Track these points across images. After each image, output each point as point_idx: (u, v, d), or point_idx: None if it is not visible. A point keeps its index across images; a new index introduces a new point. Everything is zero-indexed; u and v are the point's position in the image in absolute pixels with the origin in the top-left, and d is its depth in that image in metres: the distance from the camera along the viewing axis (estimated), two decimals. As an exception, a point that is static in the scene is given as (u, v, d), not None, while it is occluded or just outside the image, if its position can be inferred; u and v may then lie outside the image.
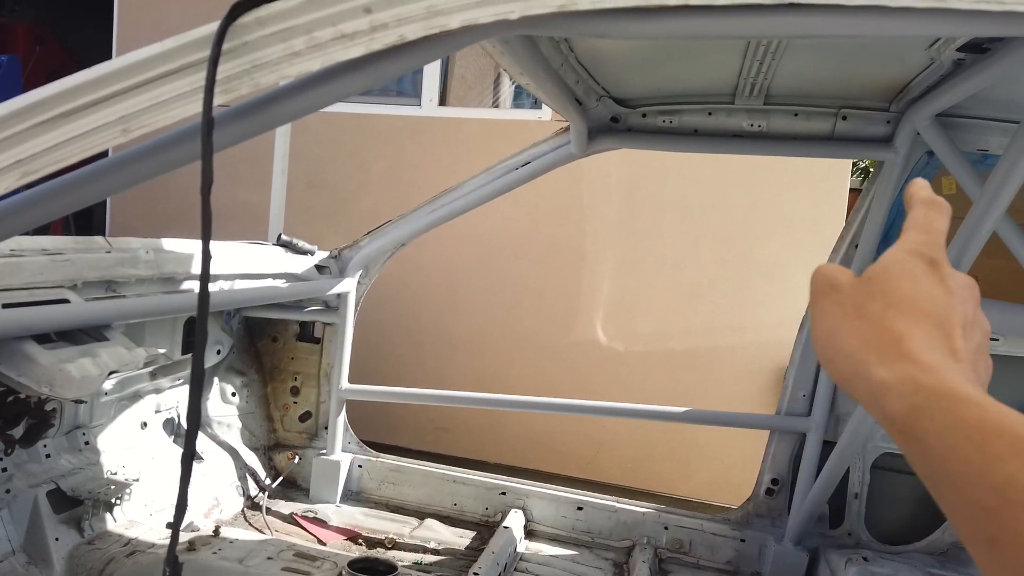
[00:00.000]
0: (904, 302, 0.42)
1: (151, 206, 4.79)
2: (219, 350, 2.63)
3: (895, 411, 0.39)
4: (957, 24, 0.94)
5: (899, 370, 0.40)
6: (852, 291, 0.45)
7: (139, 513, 2.20)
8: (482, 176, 2.51)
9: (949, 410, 0.36)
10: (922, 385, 0.38)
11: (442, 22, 0.97)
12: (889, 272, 0.44)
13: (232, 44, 0.95)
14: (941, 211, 0.48)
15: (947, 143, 2.02)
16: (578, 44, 1.84)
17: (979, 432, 0.34)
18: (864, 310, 0.43)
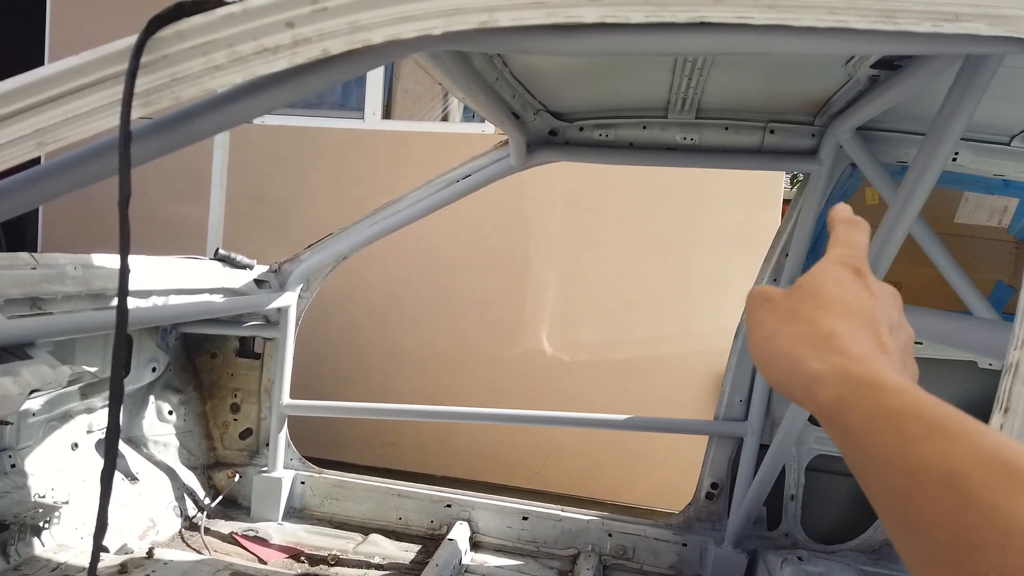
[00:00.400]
0: (833, 303, 0.45)
1: (86, 221, 4.66)
2: (154, 367, 2.57)
3: (825, 401, 0.40)
4: (857, 43, 0.99)
5: (830, 361, 0.42)
6: (785, 299, 0.48)
7: (69, 537, 2.13)
8: (423, 189, 2.52)
9: (872, 398, 0.38)
10: (850, 375, 0.40)
11: (365, 37, 0.98)
12: (818, 279, 0.47)
13: (151, 57, 0.94)
14: (861, 228, 0.52)
15: (868, 155, 2.11)
16: (512, 59, 1.87)
17: (897, 417, 0.36)
18: (797, 313, 0.46)
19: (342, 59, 0.99)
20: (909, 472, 0.34)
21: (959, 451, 0.33)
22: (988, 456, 0.32)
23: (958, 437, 0.34)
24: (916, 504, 0.33)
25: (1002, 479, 0.31)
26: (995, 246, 2.33)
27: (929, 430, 0.35)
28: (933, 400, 0.37)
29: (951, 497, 0.32)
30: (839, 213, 0.54)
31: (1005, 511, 0.30)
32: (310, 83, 1.01)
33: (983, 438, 0.33)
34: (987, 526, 0.30)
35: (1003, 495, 0.30)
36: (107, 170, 0.99)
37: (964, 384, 2.48)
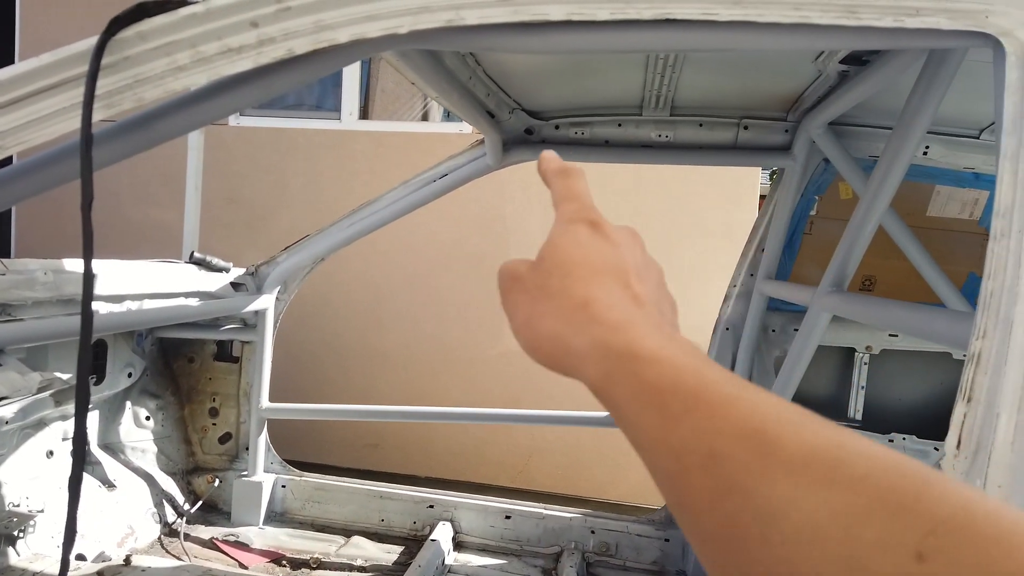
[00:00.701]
0: (579, 267, 0.42)
1: (59, 226, 4.60)
2: (130, 373, 2.54)
3: (593, 380, 0.37)
4: (821, 38, 1.00)
5: (590, 335, 0.38)
6: (533, 276, 0.44)
7: (45, 546, 2.10)
8: (400, 189, 2.51)
9: (633, 373, 0.35)
10: (610, 348, 0.37)
11: (331, 36, 0.98)
12: (557, 246, 0.44)
13: (113, 58, 0.93)
14: (577, 176, 0.48)
15: (840, 150, 2.13)
16: (485, 58, 1.87)
17: (657, 393, 0.33)
18: (547, 289, 0.42)
19: (308, 59, 0.99)
20: (675, 454, 0.31)
21: (717, 426, 0.30)
22: (746, 431, 0.29)
23: (717, 409, 0.31)
24: (685, 489, 0.31)
25: (760, 458, 0.28)
26: (967, 238, 2.37)
27: (688, 404, 0.32)
28: (695, 366, 0.34)
29: (714, 481, 0.29)
30: (549, 165, 0.50)
31: (763, 496, 0.27)
32: (276, 83, 1.01)
33: (742, 408, 0.31)
34: (748, 514, 0.28)
35: (761, 477, 0.28)
36: (70, 173, 0.98)
37: (940, 375, 2.51)
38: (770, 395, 0.32)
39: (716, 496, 0.29)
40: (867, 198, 1.55)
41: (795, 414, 0.30)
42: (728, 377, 0.33)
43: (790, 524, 0.26)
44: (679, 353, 0.35)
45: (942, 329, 1.06)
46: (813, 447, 0.28)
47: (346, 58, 1.01)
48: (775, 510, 0.27)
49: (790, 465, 0.28)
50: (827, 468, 0.27)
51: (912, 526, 0.24)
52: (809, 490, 0.27)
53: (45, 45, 0.97)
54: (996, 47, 0.93)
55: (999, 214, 0.80)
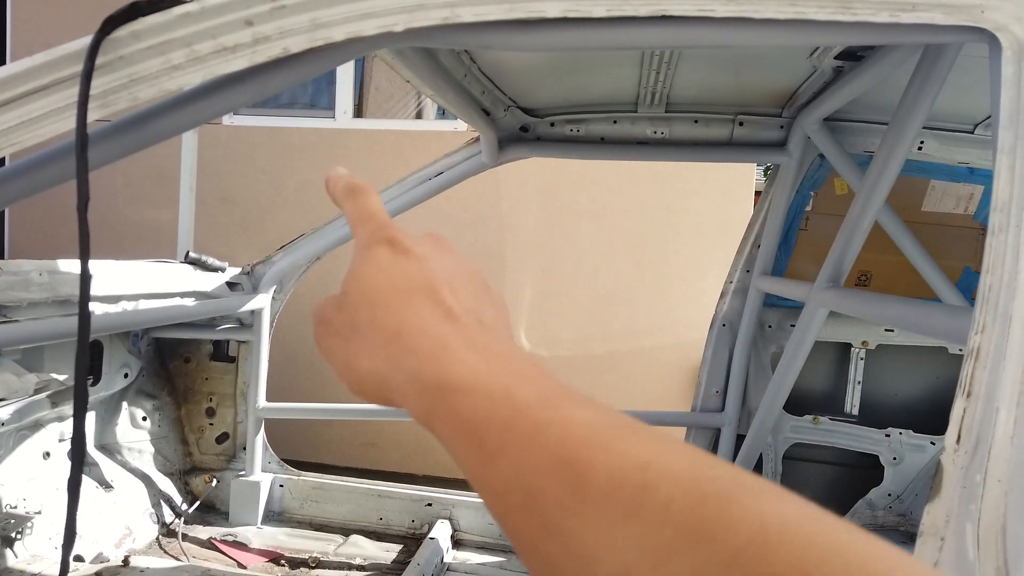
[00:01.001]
0: (383, 294, 0.39)
1: (54, 226, 4.58)
2: (126, 373, 2.54)
3: (417, 416, 0.35)
4: (817, 34, 1.00)
5: (406, 369, 0.36)
6: (341, 315, 0.41)
7: (42, 547, 2.09)
8: (395, 187, 2.51)
9: (450, 408, 0.33)
10: (426, 382, 0.34)
11: (326, 34, 0.97)
12: (358, 276, 0.40)
13: (107, 58, 0.93)
14: (367, 193, 0.45)
15: (835, 146, 2.13)
16: (480, 55, 1.86)
17: (473, 430, 0.31)
18: (357, 325, 0.40)
19: (304, 57, 0.98)
20: (496, 494, 0.30)
21: (530, 462, 0.28)
22: (557, 463, 0.28)
23: (529, 441, 0.29)
24: (511, 530, 0.29)
25: (572, 493, 0.27)
26: (962, 233, 2.37)
27: (504, 439, 0.30)
28: (508, 390, 0.32)
29: (534, 522, 0.28)
30: (334, 187, 0.47)
31: (578, 537, 0.26)
32: (272, 82, 1.00)
33: (552, 436, 0.29)
34: (566, 558, 0.26)
35: (575, 516, 0.26)
36: (65, 174, 0.97)
37: (935, 370, 2.52)
38: (587, 408, 0.30)
39: (538, 538, 0.28)
40: (863, 193, 1.55)
41: (607, 432, 0.29)
42: (545, 396, 0.31)
43: (605, 568, 0.25)
44: (495, 375, 0.33)
45: (941, 324, 1.06)
46: (620, 472, 0.27)
47: (342, 56, 1.01)
48: (591, 553, 0.26)
49: (599, 499, 0.26)
50: (632, 497, 0.26)
51: (714, 558, 0.23)
52: (617, 527, 0.25)
53: (36, 46, 0.96)
54: (992, 42, 0.93)
55: (997, 208, 0.80)
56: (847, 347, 2.55)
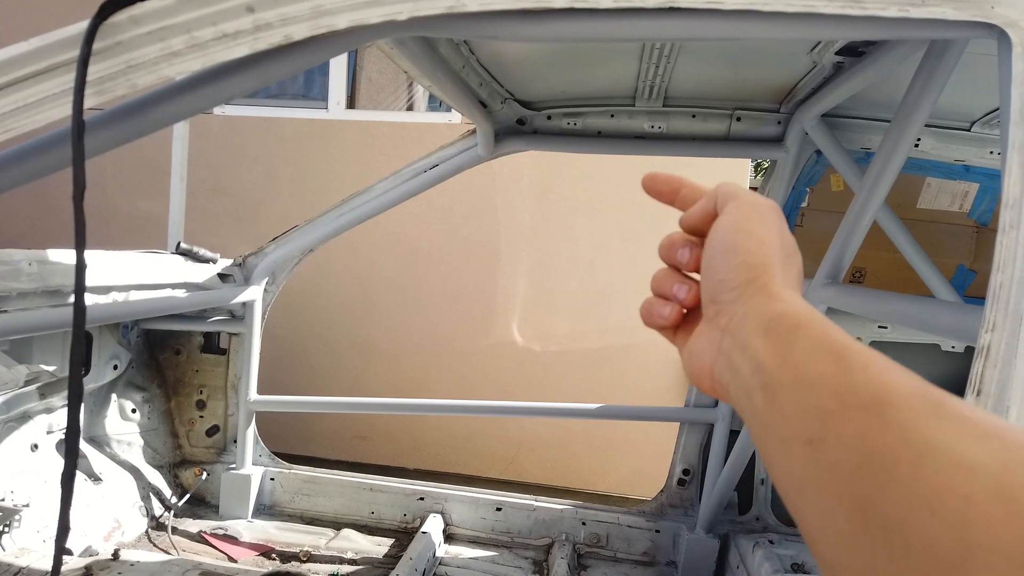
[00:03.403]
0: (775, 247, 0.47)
1: (42, 216, 4.53)
2: (116, 365, 2.51)
3: (784, 321, 0.41)
4: (825, 27, 0.99)
5: (797, 293, 0.44)
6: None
7: (31, 540, 2.07)
8: (390, 179, 2.49)
9: (823, 326, 0.39)
10: (811, 311, 0.42)
11: (329, 22, 0.95)
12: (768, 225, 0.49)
13: (105, 44, 0.91)
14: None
15: (833, 142, 2.13)
16: (479, 47, 1.85)
17: (842, 348, 0.37)
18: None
19: (305, 45, 0.97)
20: (839, 394, 0.34)
21: (888, 381, 0.34)
22: (914, 389, 0.33)
23: (887, 371, 0.34)
24: (837, 424, 0.33)
25: (924, 406, 0.31)
26: (956, 231, 2.38)
27: (867, 362, 0.35)
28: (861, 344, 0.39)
29: (874, 420, 0.32)
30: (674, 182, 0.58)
31: (923, 433, 0.30)
32: (272, 70, 0.98)
33: (912, 376, 0.34)
34: (903, 446, 0.30)
35: (923, 421, 0.31)
36: (60, 162, 0.95)
37: (928, 367, 2.53)
38: None
39: (871, 430, 0.32)
40: (864, 190, 1.54)
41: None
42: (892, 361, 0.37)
43: (948, 458, 0.29)
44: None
45: (947, 322, 1.06)
46: (979, 412, 0.31)
47: (344, 45, 0.99)
48: (934, 446, 0.29)
49: (954, 417, 0.30)
50: (991, 427, 0.30)
51: None
52: (970, 438, 0.29)
53: (25, 32, 0.94)
54: (1001, 38, 0.92)
55: (1007, 206, 0.80)
56: (841, 343, 2.55)
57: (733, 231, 0.47)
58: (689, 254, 0.52)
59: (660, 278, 0.54)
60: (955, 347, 2.42)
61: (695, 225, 0.52)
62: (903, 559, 0.28)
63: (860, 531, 0.31)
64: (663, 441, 3.37)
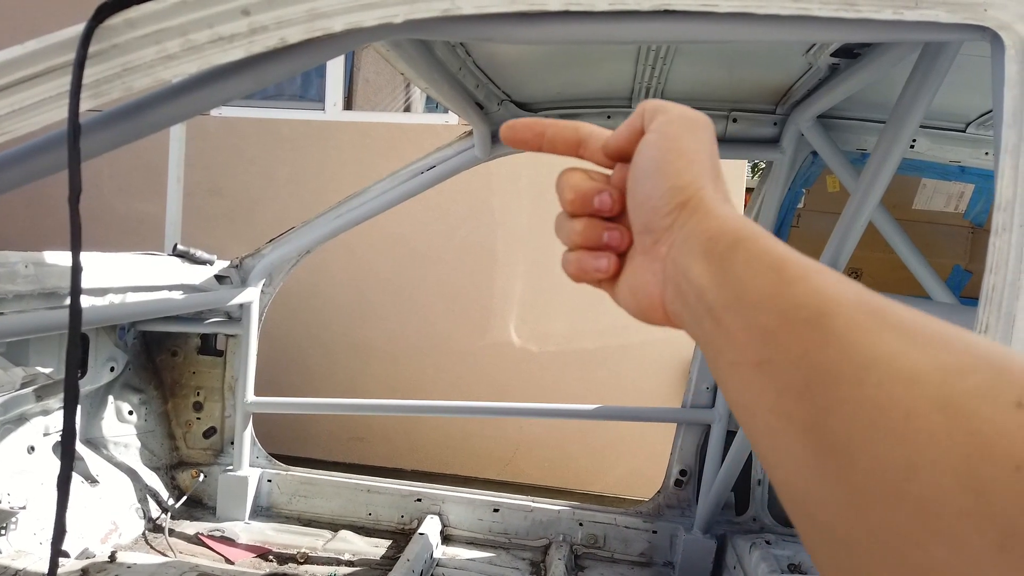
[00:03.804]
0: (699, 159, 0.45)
1: (38, 218, 4.52)
2: (112, 367, 2.51)
3: (723, 240, 0.40)
4: (819, 30, 0.99)
5: (732, 207, 0.42)
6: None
7: (28, 542, 2.07)
8: (387, 180, 2.49)
9: (760, 239, 0.38)
10: (750, 224, 0.40)
11: (325, 25, 0.96)
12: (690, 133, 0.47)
13: (101, 46, 0.91)
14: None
15: (828, 143, 2.13)
16: (475, 48, 1.85)
17: (780, 259, 0.36)
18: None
19: (301, 48, 0.97)
20: (781, 311, 0.33)
21: (829, 292, 0.33)
22: (856, 299, 0.32)
23: (829, 282, 0.33)
24: (782, 342, 0.32)
25: (866, 317, 0.30)
26: (951, 231, 2.39)
27: (805, 273, 0.34)
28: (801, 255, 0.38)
29: (816, 335, 0.31)
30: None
31: (864, 347, 0.29)
32: (268, 73, 0.99)
33: (853, 284, 0.33)
34: (846, 361, 0.29)
35: (865, 333, 0.30)
36: (56, 164, 0.95)
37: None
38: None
39: (815, 346, 0.31)
40: (860, 191, 1.55)
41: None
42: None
43: (889, 370, 0.27)
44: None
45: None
46: (922, 318, 0.30)
47: (340, 47, 0.99)
48: (876, 358, 0.28)
49: (899, 327, 0.29)
50: (934, 332, 0.28)
51: (1013, 381, 0.25)
52: (915, 347, 0.28)
53: (21, 35, 0.94)
54: (994, 40, 0.93)
55: (1000, 208, 0.80)
56: (837, 344, 2.56)
57: (662, 149, 0.45)
58: (609, 199, 0.49)
59: (581, 230, 0.50)
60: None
61: (622, 146, 0.49)
62: (852, 481, 0.27)
63: (811, 454, 0.29)
64: (660, 442, 3.37)
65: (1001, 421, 0.24)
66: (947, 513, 0.24)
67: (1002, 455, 0.23)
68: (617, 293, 0.49)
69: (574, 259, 0.50)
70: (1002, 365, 0.26)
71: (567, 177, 0.51)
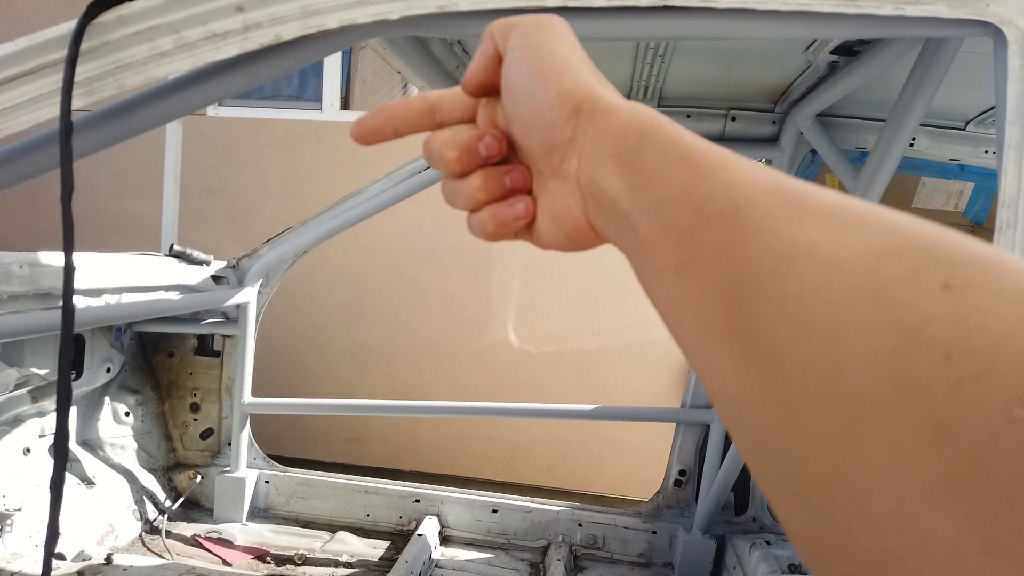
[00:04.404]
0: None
1: (33, 218, 4.51)
2: (109, 368, 2.49)
3: (629, 135, 0.36)
4: (820, 26, 0.98)
5: (623, 99, 0.39)
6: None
7: (23, 545, 2.05)
8: (384, 181, 2.48)
9: (668, 130, 0.35)
10: (643, 107, 0.37)
11: (319, 22, 0.95)
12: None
13: (93, 44, 0.90)
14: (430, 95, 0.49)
15: (827, 142, 2.13)
16: (473, 46, 1.84)
17: (689, 150, 0.33)
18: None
19: (296, 45, 0.96)
20: (695, 207, 0.31)
21: (744, 181, 0.30)
22: (772, 186, 0.30)
23: (743, 170, 0.31)
24: (699, 242, 0.30)
25: (784, 206, 0.28)
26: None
27: (718, 161, 0.32)
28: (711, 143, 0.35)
29: (734, 230, 0.29)
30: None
31: (784, 238, 0.27)
32: (262, 70, 0.97)
33: (768, 171, 0.31)
34: (766, 256, 0.27)
35: (784, 223, 0.28)
36: (48, 163, 0.94)
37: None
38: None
39: (734, 242, 0.29)
40: (859, 190, 1.54)
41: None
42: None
43: (810, 261, 0.26)
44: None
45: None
46: (844, 200, 0.28)
47: (335, 45, 0.98)
48: (797, 250, 0.27)
49: (820, 212, 0.27)
50: (857, 215, 0.27)
51: (941, 260, 0.23)
52: (837, 231, 0.26)
53: (12, 32, 0.93)
54: (996, 36, 0.92)
55: (1004, 204, 0.79)
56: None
57: (533, 59, 0.41)
58: (493, 139, 0.44)
59: (481, 184, 0.45)
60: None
61: (482, 78, 0.44)
62: (782, 384, 0.25)
63: (740, 358, 0.27)
64: (659, 442, 3.36)
65: (928, 306, 0.22)
66: (878, 411, 0.22)
67: (930, 344, 0.22)
68: (539, 234, 0.45)
69: (487, 216, 0.45)
70: (929, 243, 0.24)
71: (438, 138, 0.45)
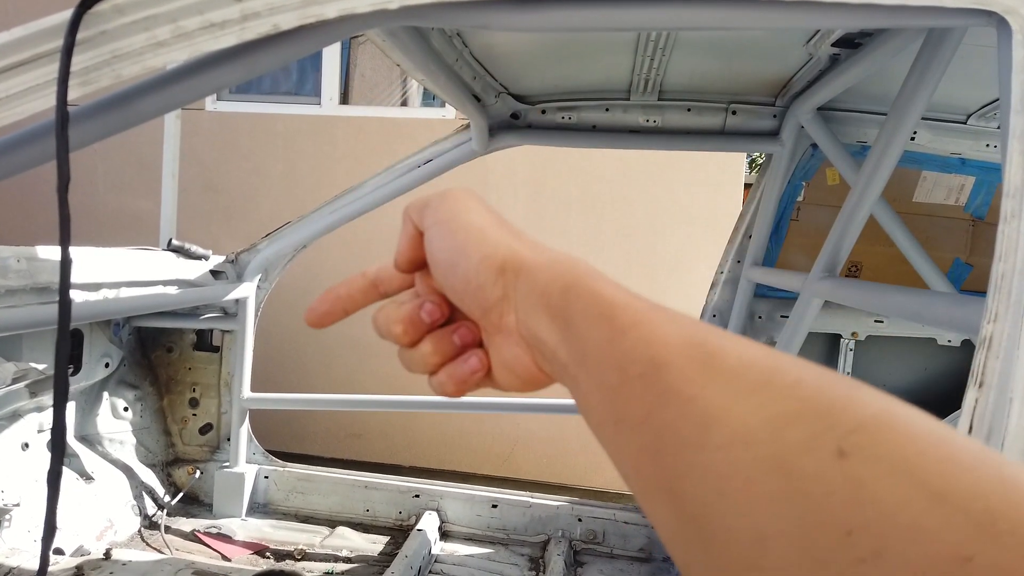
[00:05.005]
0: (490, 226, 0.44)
1: (31, 212, 4.50)
2: (107, 363, 2.48)
3: (554, 290, 0.37)
4: (822, 16, 0.98)
5: (547, 249, 0.41)
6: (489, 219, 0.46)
7: (21, 540, 2.05)
8: (384, 175, 2.47)
9: (591, 288, 0.36)
10: (571, 260, 0.38)
11: (318, 11, 0.94)
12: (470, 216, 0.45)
13: (89, 33, 0.89)
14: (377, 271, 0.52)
15: (828, 135, 2.12)
16: (472, 39, 1.83)
17: (609, 306, 0.34)
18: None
19: (294, 35, 0.95)
20: (618, 366, 0.32)
21: (661, 337, 0.31)
22: (687, 342, 0.30)
23: (661, 324, 0.32)
24: (626, 401, 0.31)
25: (699, 367, 0.29)
26: (952, 224, 2.37)
27: (637, 318, 0.32)
28: (635, 294, 0.35)
29: (653, 392, 0.29)
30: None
31: (701, 403, 0.27)
32: (261, 60, 0.96)
33: (684, 323, 0.31)
34: (685, 422, 0.28)
35: (700, 385, 0.28)
36: (44, 154, 0.93)
37: (924, 361, 2.52)
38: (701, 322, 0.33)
39: (656, 405, 0.29)
40: (860, 184, 1.53)
41: (732, 335, 0.31)
42: (669, 308, 0.34)
43: (725, 429, 0.26)
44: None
45: (946, 313, 1.05)
46: (751, 357, 0.28)
47: (334, 35, 0.97)
48: (713, 417, 0.27)
49: (728, 373, 0.28)
50: (762, 375, 0.27)
51: (836, 426, 0.24)
52: (744, 396, 0.27)
53: (6, 22, 0.92)
54: (1001, 25, 0.91)
55: (1009, 195, 0.79)
56: (837, 338, 2.55)
57: (449, 234, 0.43)
58: (433, 305, 0.46)
59: (432, 348, 0.46)
60: (951, 341, 2.42)
61: (410, 256, 0.47)
62: (711, 552, 0.26)
63: (675, 520, 0.28)
64: (659, 437, 3.36)
65: (827, 477, 0.23)
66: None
67: (832, 519, 0.22)
68: (497, 381, 0.46)
69: (445, 378, 0.46)
70: (825, 406, 0.25)
71: (382, 315, 0.48)
